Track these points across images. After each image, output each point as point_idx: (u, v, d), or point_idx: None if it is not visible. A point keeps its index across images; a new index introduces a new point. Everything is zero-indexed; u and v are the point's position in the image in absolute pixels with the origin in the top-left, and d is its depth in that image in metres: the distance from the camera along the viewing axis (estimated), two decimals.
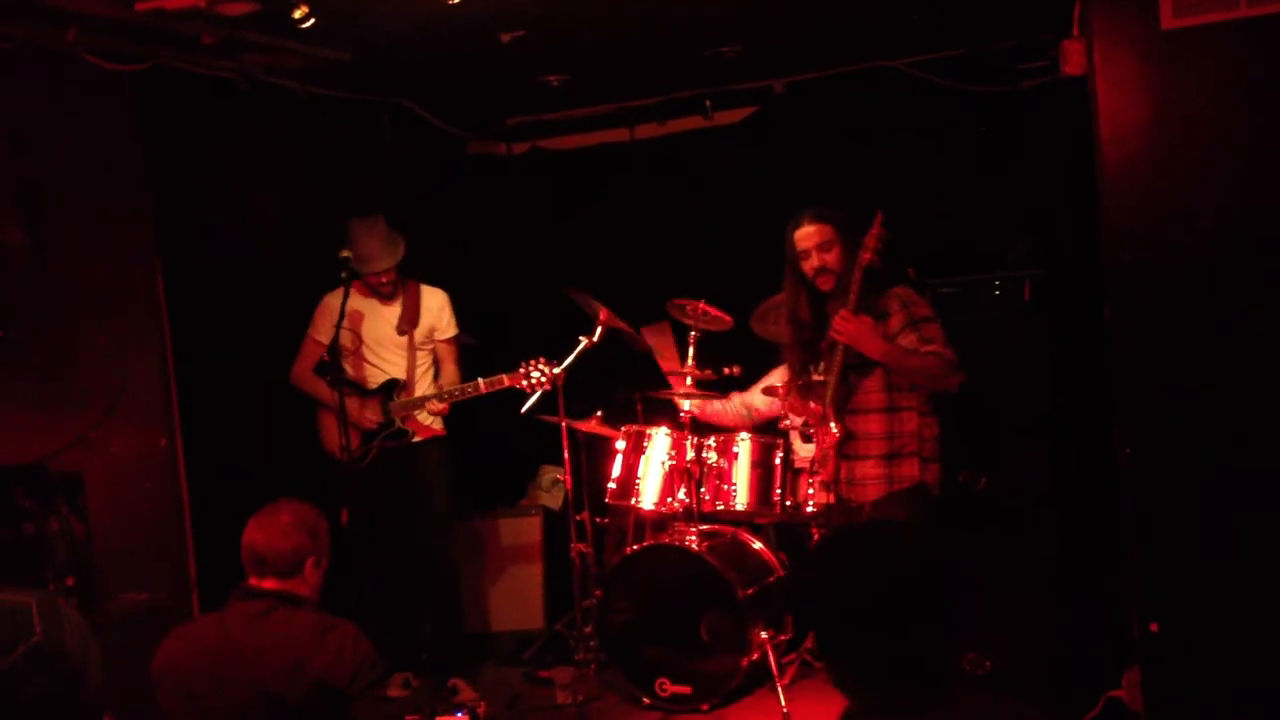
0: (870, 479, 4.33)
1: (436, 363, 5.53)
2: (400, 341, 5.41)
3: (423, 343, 5.45)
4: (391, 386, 5.33)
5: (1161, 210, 3.69)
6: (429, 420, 5.40)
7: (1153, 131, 3.68)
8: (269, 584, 3.33)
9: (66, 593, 3.98)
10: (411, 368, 5.39)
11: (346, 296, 5.00)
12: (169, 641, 3.34)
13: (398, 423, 5.33)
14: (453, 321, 5.53)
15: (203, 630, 3.41)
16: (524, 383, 5.17)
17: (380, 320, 5.41)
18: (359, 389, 5.32)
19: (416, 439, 5.38)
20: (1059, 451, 4.71)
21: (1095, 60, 3.74)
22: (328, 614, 3.34)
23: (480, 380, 5.22)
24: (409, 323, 5.41)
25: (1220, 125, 3.62)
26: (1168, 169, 3.67)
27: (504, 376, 5.18)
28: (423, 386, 5.43)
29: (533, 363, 5.16)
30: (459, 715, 4.81)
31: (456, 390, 5.28)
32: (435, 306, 5.49)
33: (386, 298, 5.38)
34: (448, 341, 5.52)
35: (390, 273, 5.27)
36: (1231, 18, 3.55)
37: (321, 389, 5.20)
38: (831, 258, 4.37)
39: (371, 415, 5.30)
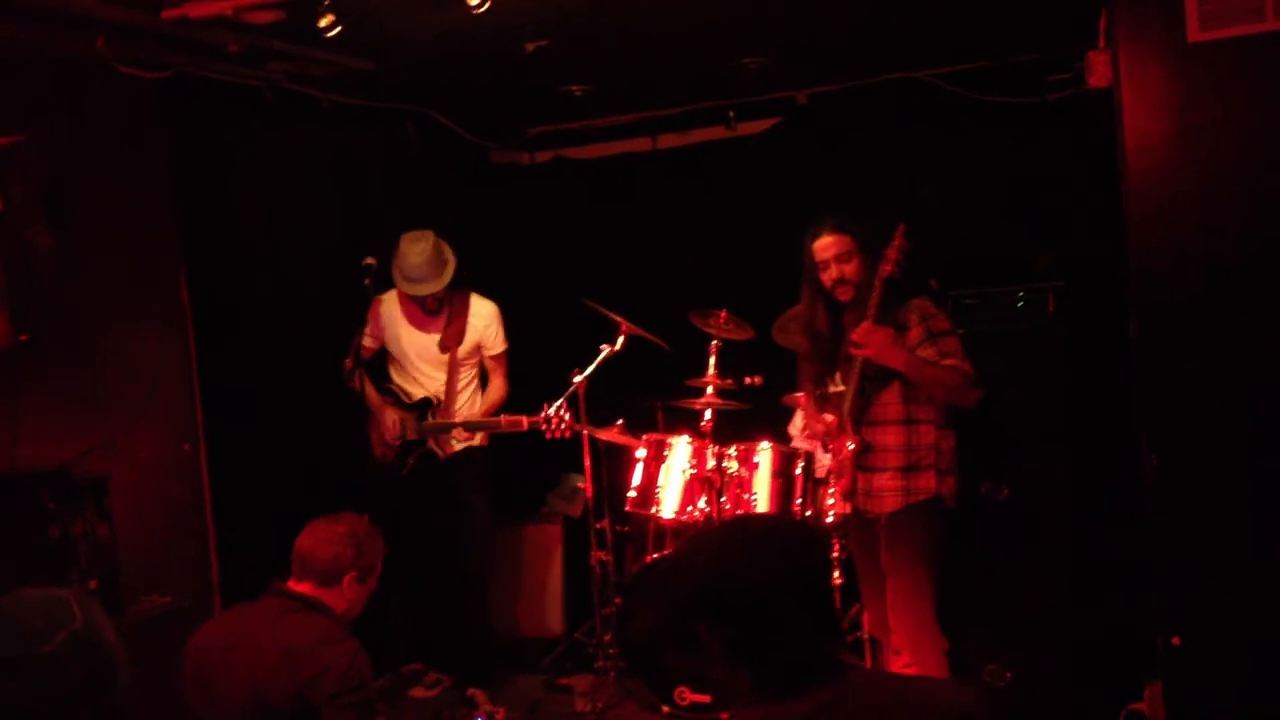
0: (887, 491, 4.32)
1: (484, 375, 5.55)
2: (442, 359, 5.41)
3: (466, 358, 5.46)
4: (425, 406, 5.35)
5: (1186, 221, 3.68)
6: (463, 442, 5.42)
7: (1177, 143, 3.68)
8: (303, 587, 3.41)
9: (90, 595, 3.99)
10: (452, 386, 5.39)
11: (368, 304, 5.01)
12: (204, 625, 3.47)
13: (429, 443, 5.34)
14: (500, 335, 5.52)
15: (228, 619, 3.50)
16: (545, 427, 5.18)
17: (422, 335, 5.43)
18: (399, 400, 5.33)
19: (452, 451, 5.40)
20: (1081, 464, 4.69)
21: (1121, 72, 3.74)
22: (342, 629, 3.38)
23: (502, 418, 5.25)
24: (454, 340, 5.41)
25: (1245, 137, 3.61)
26: (1192, 180, 3.66)
27: (524, 419, 5.19)
28: (464, 402, 5.44)
29: (555, 408, 5.17)
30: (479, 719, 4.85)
31: (478, 424, 5.30)
32: (483, 322, 5.47)
33: (432, 313, 5.39)
34: (495, 357, 5.53)
35: (439, 293, 5.29)
36: (1257, 31, 3.55)
37: (369, 391, 5.24)
38: (851, 269, 4.36)
39: (410, 427, 5.32)
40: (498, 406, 5.40)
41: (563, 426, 5.16)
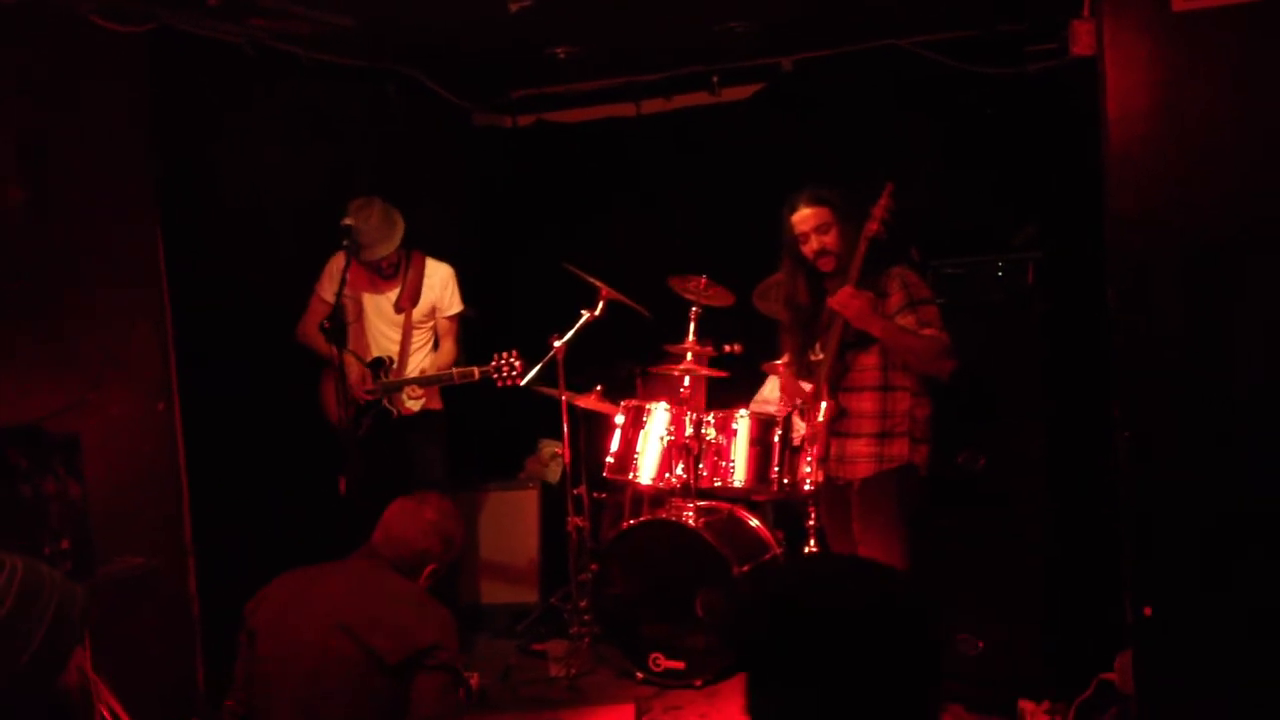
0: (861, 457, 4.32)
1: (436, 338, 5.52)
2: (396, 319, 5.39)
3: (422, 320, 5.43)
4: (378, 365, 5.30)
5: (1167, 193, 3.66)
6: (411, 403, 5.39)
7: (1160, 114, 3.65)
8: (386, 551, 3.41)
9: (61, 555, 3.98)
10: (405, 345, 5.36)
11: (348, 265, 4.97)
12: (283, 576, 3.40)
13: (383, 402, 5.30)
14: (456, 297, 5.50)
15: (311, 573, 3.42)
16: (495, 375, 5.16)
17: (378, 295, 5.39)
18: (358, 358, 5.30)
19: (408, 413, 5.37)
20: (1056, 434, 4.70)
21: (1104, 41, 3.71)
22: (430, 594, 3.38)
23: (453, 370, 5.22)
24: (408, 300, 5.38)
25: (1229, 109, 3.59)
26: (1174, 152, 3.64)
27: (475, 369, 5.17)
28: (416, 363, 5.41)
29: (505, 355, 5.15)
30: None
31: (430, 378, 5.28)
32: (438, 283, 5.46)
33: (387, 277, 5.36)
34: (449, 319, 5.50)
35: (389, 256, 5.25)
36: (1242, 2, 3.53)
37: (324, 346, 5.20)
38: (830, 239, 4.35)
39: (367, 387, 5.29)
40: (447, 369, 5.34)
41: (513, 374, 5.14)
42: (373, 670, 3.10)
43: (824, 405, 4.33)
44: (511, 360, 5.14)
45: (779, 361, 4.82)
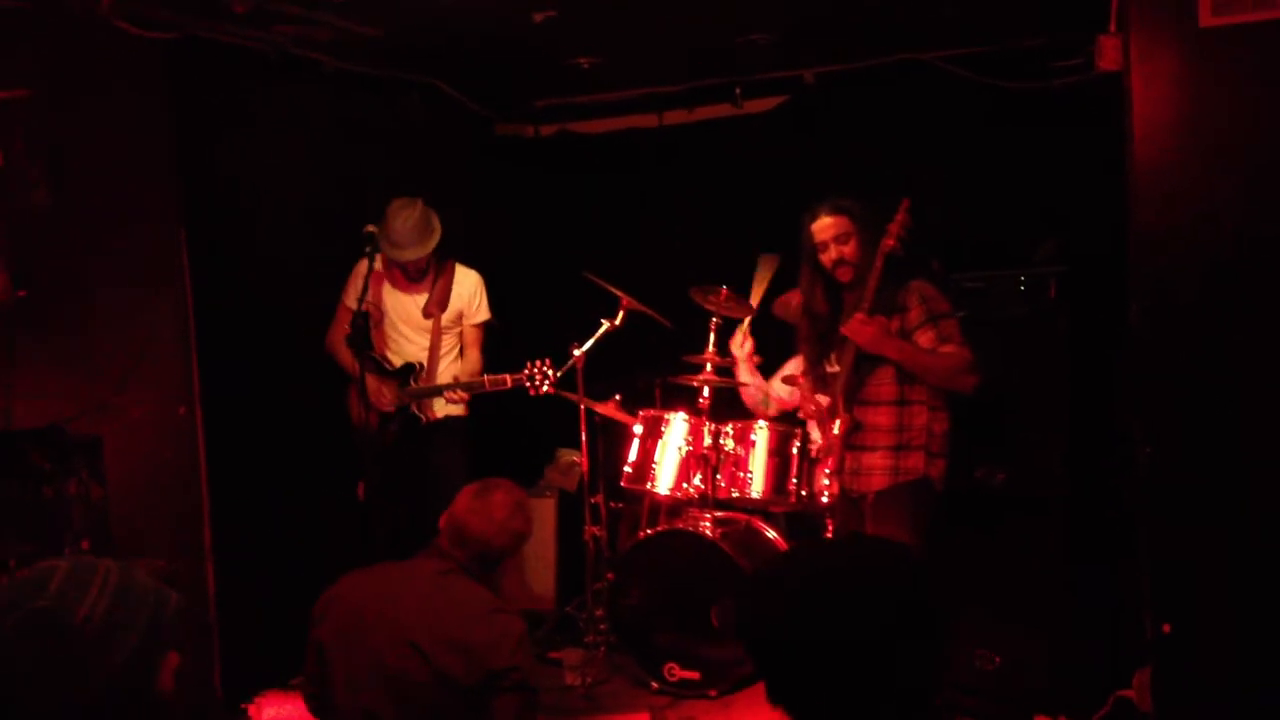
0: (876, 470, 4.31)
1: (461, 346, 5.54)
2: (425, 324, 5.40)
3: (449, 326, 5.45)
4: (409, 371, 5.33)
5: (1192, 209, 3.66)
6: (443, 410, 5.40)
7: (1186, 129, 3.65)
8: (457, 552, 3.30)
9: (82, 556, 3.99)
10: (435, 351, 5.38)
11: (370, 270, 4.99)
12: (345, 578, 3.31)
13: (411, 408, 5.32)
14: (484, 306, 5.52)
15: (379, 573, 3.35)
16: (528, 384, 5.17)
17: (407, 299, 5.41)
18: (380, 367, 5.32)
19: (435, 419, 5.39)
20: (1075, 450, 4.68)
21: (1131, 56, 3.71)
22: (503, 602, 3.26)
23: (485, 377, 5.24)
24: (437, 305, 5.40)
25: (1255, 125, 3.58)
26: (1200, 167, 3.63)
27: (508, 377, 5.19)
28: (445, 369, 5.43)
29: (538, 364, 5.17)
30: None
31: (463, 385, 5.29)
32: (467, 291, 5.47)
33: (415, 280, 5.38)
34: (475, 326, 5.51)
35: (415, 262, 5.27)
36: (1271, 18, 3.52)
37: (348, 359, 5.22)
38: (849, 249, 4.34)
39: (389, 395, 5.30)
40: (478, 377, 5.35)
41: (546, 383, 5.14)
42: (446, 691, 3.04)
43: (839, 419, 4.33)
44: (545, 369, 5.15)
45: (797, 374, 4.82)
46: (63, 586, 1.81)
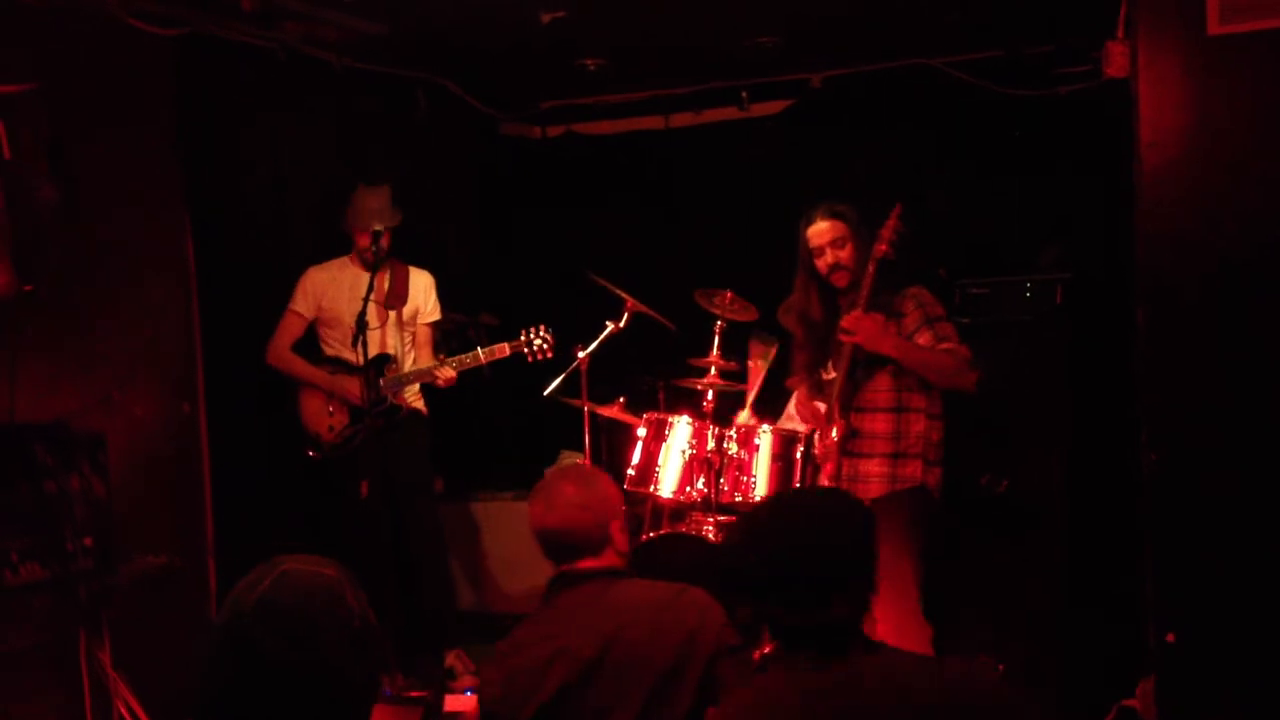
0: (873, 477, 4.28)
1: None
2: (389, 317, 5.34)
3: (407, 322, 5.41)
4: (381, 361, 5.24)
5: (1199, 215, 3.65)
6: (413, 399, 5.37)
7: (1193, 136, 3.64)
8: (585, 564, 2.93)
9: (84, 552, 3.99)
10: (400, 343, 5.35)
11: (376, 271, 4.96)
12: (510, 643, 2.92)
13: (389, 399, 5.25)
14: (437, 306, 5.46)
15: (544, 630, 2.88)
16: (525, 350, 5.12)
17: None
18: (345, 365, 5.21)
19: (402, 415, 5.34)
20: (1079, 457, 4.67)
21: (1139, 63, 3.71)
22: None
23: (479, 350, 5.16)
24: (397, 299, 5.33)
25: (1263, 132, 3.58)
26: (1207, 174, 3.63)
27: (505, 345, 5.12)
28: (405, 366, 5.38)
29: (534, 329, 5.11)
30: (467, 694, 4.83)
31: (454, 361, 5.22)
32: (421, 289, 5.42)
33: (373, 266, 5.09)
34: (428, 326, 5.46)
35: (386, 235, 5.04)
36: (1278, 25, 3.51)
37: (299, 366, 5.15)
38: (845, 254, 4.32)
39: (357, 390, 5.11)
40: (466, 355, 5.22)
41: (545, 348, 5.10)
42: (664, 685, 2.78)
43: (835, 425, 4.31)
44: (542, 334, 5.09)
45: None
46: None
